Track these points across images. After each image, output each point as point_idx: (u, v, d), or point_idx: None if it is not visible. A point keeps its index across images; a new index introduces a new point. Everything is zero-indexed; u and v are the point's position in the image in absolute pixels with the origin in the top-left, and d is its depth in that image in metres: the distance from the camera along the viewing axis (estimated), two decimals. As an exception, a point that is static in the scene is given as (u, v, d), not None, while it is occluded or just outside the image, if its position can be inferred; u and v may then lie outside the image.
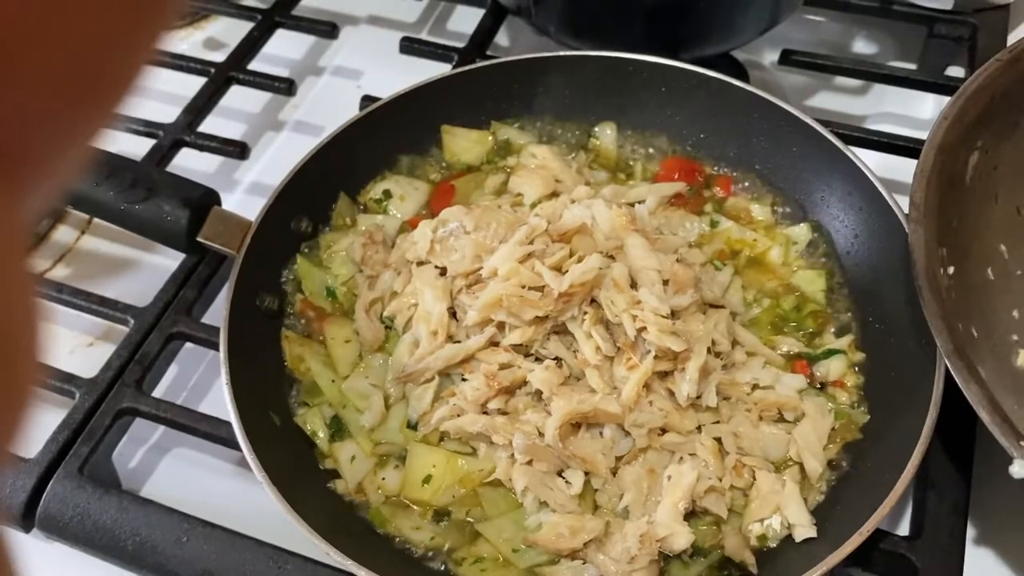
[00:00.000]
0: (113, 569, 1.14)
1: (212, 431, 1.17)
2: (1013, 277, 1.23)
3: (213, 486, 1.27)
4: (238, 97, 1.74)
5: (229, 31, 1.92)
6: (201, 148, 1.57)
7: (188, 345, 1.34)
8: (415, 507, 1.09)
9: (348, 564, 0.95)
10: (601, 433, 1.09)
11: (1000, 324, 1.20)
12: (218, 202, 1.28)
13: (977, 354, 1.08)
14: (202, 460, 1.30)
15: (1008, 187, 1.23)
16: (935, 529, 1.07)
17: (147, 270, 1.51)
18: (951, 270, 1.13)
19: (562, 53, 1.43)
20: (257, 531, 1.11)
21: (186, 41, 1.97)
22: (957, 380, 0.97)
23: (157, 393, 1.34)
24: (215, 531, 1.12)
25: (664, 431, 1.09)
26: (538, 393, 1.11)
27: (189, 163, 1.65)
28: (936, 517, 1.08)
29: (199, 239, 1.22)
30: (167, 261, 1.41)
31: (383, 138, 1.40)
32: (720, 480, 1.06)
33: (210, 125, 1.65)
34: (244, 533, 1.12)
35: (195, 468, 1.30)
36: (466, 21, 1.83)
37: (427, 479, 1.10)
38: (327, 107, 1.77)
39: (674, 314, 1.13)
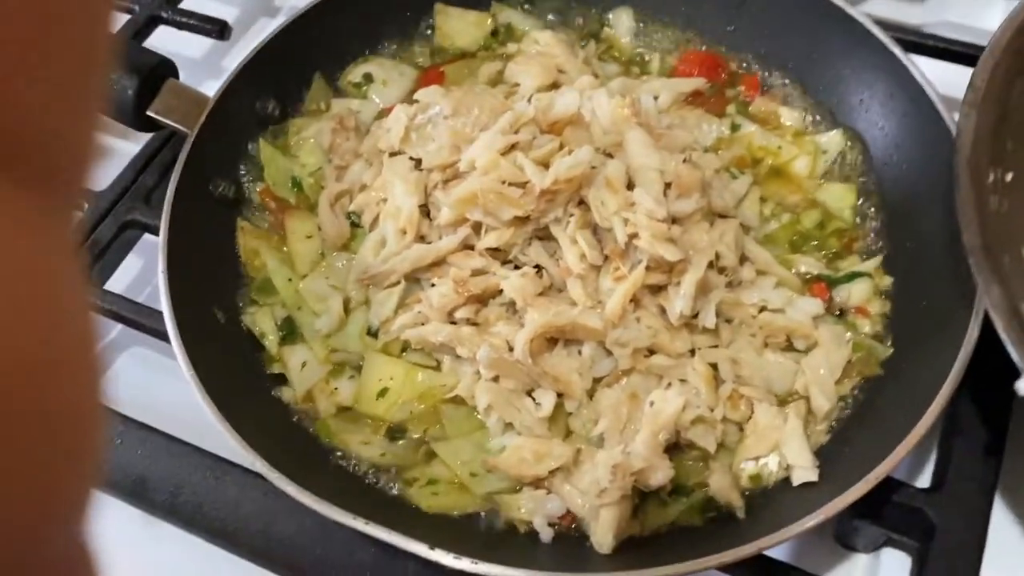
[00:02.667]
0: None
1: (155, 326, 1.06)
2: None
3: (166, 388, 1.17)
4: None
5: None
6: (179, 26, 1.43)
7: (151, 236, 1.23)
8: (367, 421, 0.98)
9: (274, 476, 0.84)
10: (580, 351, 0.96)
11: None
12: (175, 74, 1.15)
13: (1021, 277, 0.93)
14: (159, 361, 1.20)
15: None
16: (959, 482, 0.93)
17: (113, 155, 1.40)
18: (1009, 176, 0.96)
19: (575, -73, 1.25)
20: (201, 438, 1.01)
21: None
22: (977, 279, 0.82)
23: (118, 286, 1.24)
24: (151, 435, 1.02)
25: (652, 352, 0.95)
26: (512, 304, 0.98)
27: (171, 46, 1.52)
28: (961, 469, 0.94)
29: (149, 113, 1.09)
30: (131, 144, 1.30)
31: (368, 15, 1.25)
32: (712, 411, 0.93)
33: (195, 5, 1.51)
34: (184, 440, 1.03)
35: (151, 369, 1.20)
36: None
37: (383, 392, 0.98)
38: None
39: (675, 221, 0.98)
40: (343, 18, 1.23)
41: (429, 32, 1.29)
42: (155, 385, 1.17)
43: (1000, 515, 0.95)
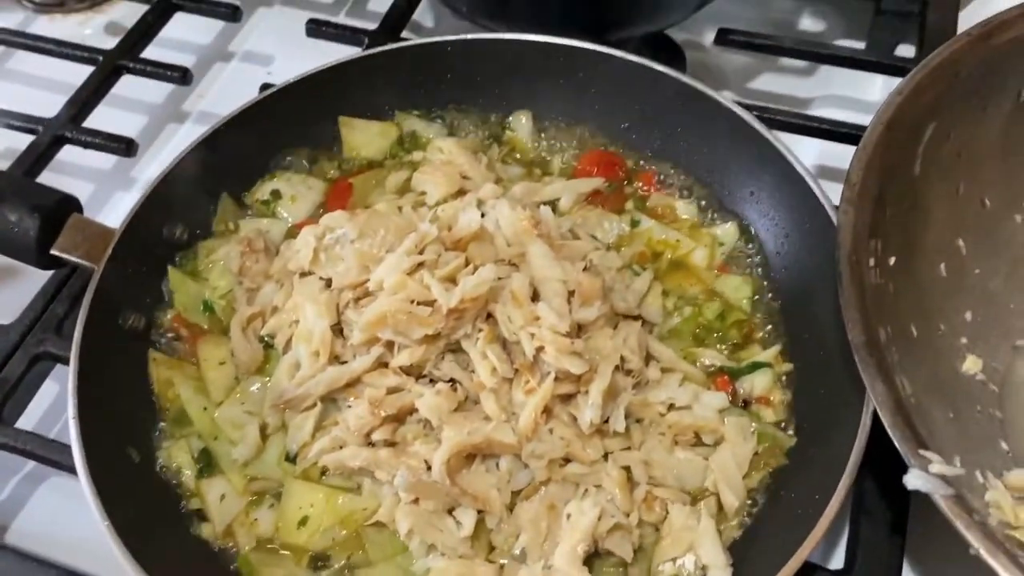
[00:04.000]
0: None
1: (69, 463, 1.03)
2: (969, 275, 1.11)
3: (85, 521, 1.14)
4: (136, 87, 1.60)
5: (135, 14, 1.76)
6: (84, 145, 1.43)
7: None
8: (290, 553, 0.98)
9: (197, 630, 0.83)
10: (497, 465, 0.98)
11: (948, 325, 1.09)
12: (78, 208, 1.14)
13: (912, 354, 0.98)
14: (79, 491, 1.17)
15: (972, 177, 1.11)
16: (867, 564, 0.97)
17: (23, 283, 1.37)
18: (892, 261, 1.01)
19: (470, 36, 1.30)
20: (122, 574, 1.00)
21: (86, 26, 1.83)
22: (863, 376, 0.86)
23: (32, 417, 1.22)
24: (65, 577, 1.01)
25: (567, 461, 0.98)
26: (429, 421, 0.99)
27: (80, 160, 1.52)
28: (869, 550, 0.98)
29: (53, 251, 1.09)
30: (39, 272, 1.28)
31: (274, 131, 1.27)
32: (627, 516, 0.95)
33: (103, 118, 1.51)
34: (102, 577, 1.01)
35: (71, 500, 1.17)
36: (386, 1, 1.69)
37: (304, 520, 0.98)
38: (234, 96, 1.60)
39: (581, 329, 1.01)
40: (247, 137, 1.24)
41: (336, 144, 1.31)
42: (75, 518, 1.14)
43: (909, 591, 1.00)
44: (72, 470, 1.05)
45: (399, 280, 1.00)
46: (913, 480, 0.82)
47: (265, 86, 1.40)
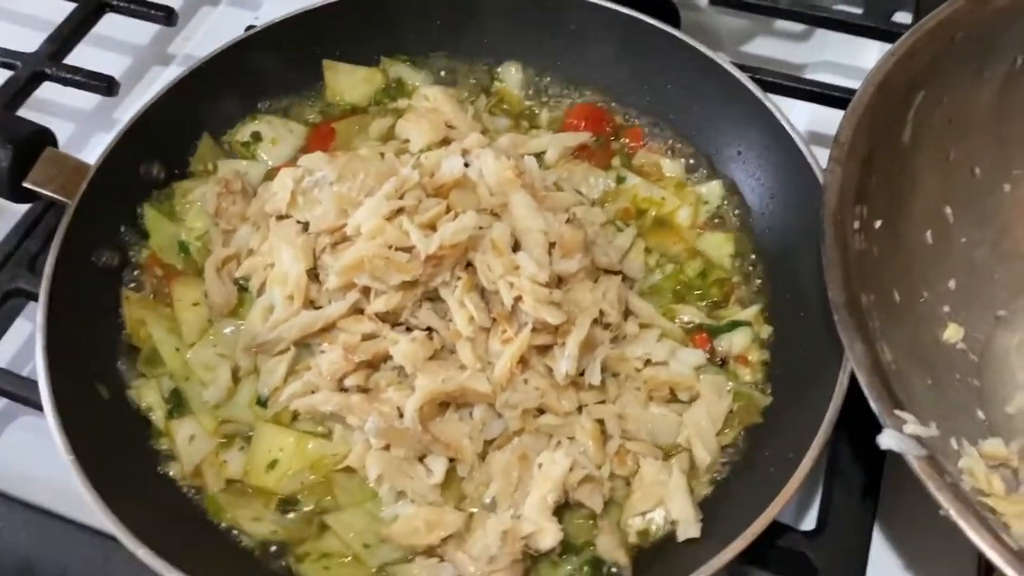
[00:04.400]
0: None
1: (39, 400, 1.02)
2: (955, 244, 1.10)
3: (56, 460, 1.13)
4: (119, 27, 1.56)
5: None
6: (64, 82, 1.40)
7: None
8: (258, 495, 0.97)
9: (158, 565, 0.82)
10: (471, 414, 0.97)
11: (931, 292, 1.08)
12: (53, 142, 1.12)
13: (894, 320, 0.97)
14: (47, 431, 1.16)
15: (963, 145, 1.09)
16: (838, 525, 0.97)
17: (-1, 218, 1.36)
18: (877, 224, 1.00)
19: (461, -19, 1.27)
20: (91, 512, 0.98)
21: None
22: (841, 336, 0.86)
23: (4, 355, 1.20)
24: (35, 516, 1.00)
25: (541, 412, 0.97)
26: (403, 368, 0.98)
27: (61, 99, 1.49)
28: (841, 512, 0.98)
29: (26, 184, 1.06)
30: (14, 207, 1.26)
31: (256, 72, 1.24)
32: (599, 468, 0.94)
33: (86, 57, 1.48)
34: (73, 518, 1.00)
35: (42, 439, 1.15)
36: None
37: (273, 463, 0.97)
38: (220, 39, 1.56)
39: (561, 281, 1.00)
40: (230, 76, 1.22)
41: (319, 88, 1.29)
42: (45, 457, 1.13)
43: (877, 553, 1.00)
44: (39, 407, 1.04)
45: (377, 225, 0.98)
46: (887, 440, 0.81)
47: (251, 28, 1.37)
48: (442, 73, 1.31)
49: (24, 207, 1.24)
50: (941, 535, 0.79)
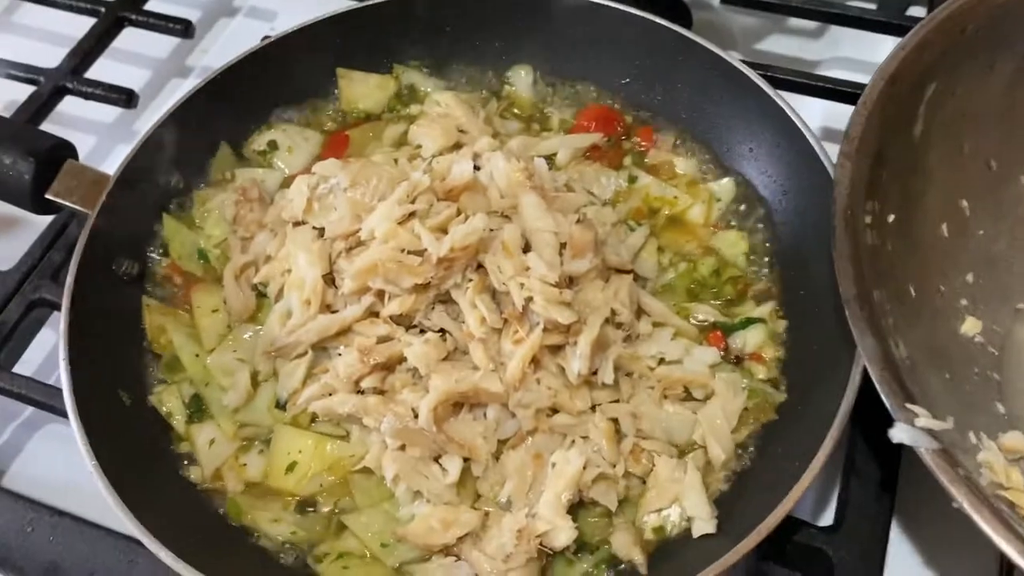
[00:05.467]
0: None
1: (65, 408, 1.05)
2: (972, 237, 1.09)
3: (81, 467, 1.16)
4: (139, 40, 1.60)
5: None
6: (85, 96, 1.43)
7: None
8: (277, 497, 0.98)
9: (180, 567, 0.84)
10: (485, 414, 0.98)
11: (948, 286, 1.07)
12: (74, 155, 1.14)
13: (909, 315, 0.96)
14: (73, 438, 1.19)
15: (978, 137, 1.09)
16: (856, 521, 0.97)
17: (24, 230, 1.38)
18: (891, 219, 1.00)
19: (470, -12, 1.28)
20: (117, 517, 1.00)
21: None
22: (852, 329, 0.85)
23: (30, 364, 1.23)
24: (63, 520, 1.02)
25: (554, 411, 0.97)
26: (418, 370, 0.99)
27: (82, 112, 1.52)
28: (858, 507, 0.98)
29: (48, 196, 1.09)
30: (38, 219, 1.28)
31: (272, 82, 1.26)
32: (614, 467, 0.95)
33: (106, 71, 1.51)
34: (99, 523, 1.02)
35: (67, 447, 1.18)
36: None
37: (292, 466, 0.98)
38: (237, 51, 1.61)
39: (571, 281, 1.00)
40: (246, 86, 1.24)
41: (333, 96, 1.30)
42: (71, 464, 1.15)
43: (895, 549, 0.99)
44: (65, 415, 1.06)
45: (390, 229, 0.99)
46: (898, 434, 0.81)
47: (266, 39, 1.39)
48: (453, 78, 1.32)
49: (47, 219, 1.27)
50: (960, 531, 0.78)
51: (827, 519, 1.02)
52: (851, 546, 0.95)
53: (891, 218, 1.01)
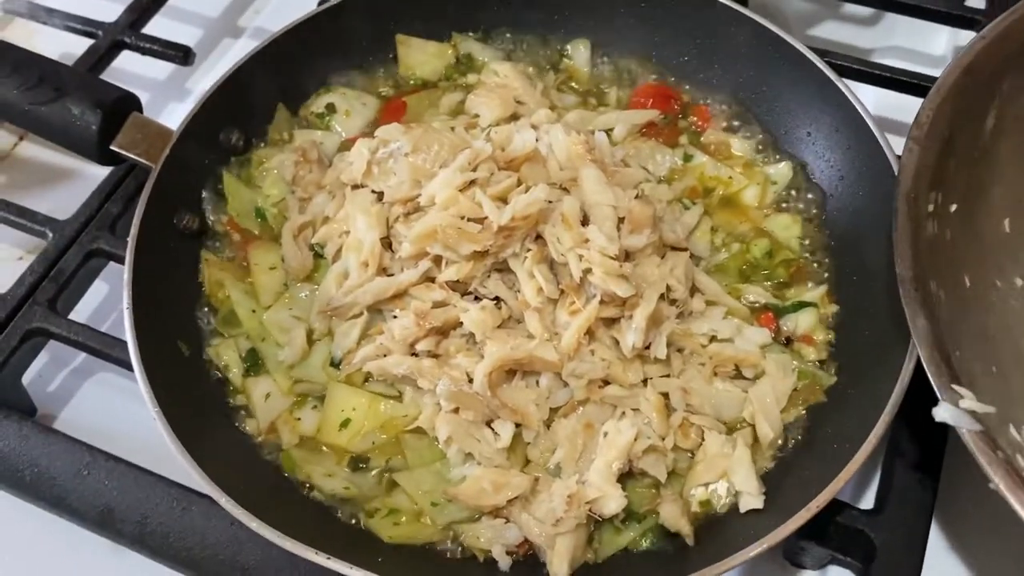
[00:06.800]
0: (14, 500, 1.06)
1: (121, 356, 1.07)
2: None
3: (132, 415, 1.18)
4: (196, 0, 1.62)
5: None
6: (142, 51, 1.44)
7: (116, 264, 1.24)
8: (331, 452, 1.00)
9: (238, 512, 0.86)
10: (538, 382, 0.99)
11: (1005, 282, 1.06)
12: (138, 108, 1.16)
13: (961, 304, 0.97)
14: (126, 386, 1.21)
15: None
16: (898, 505, 0.98)
17: (83, 181, 1.40)
18: (953, 208, 0.99)
19: (533, -41, 1.28)
20: (168, 466, 1.03)
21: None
22: (905, 309, 0.86)
23: (83, 314, 1.25)
24: (118, 465, 1.04)
25: (606, 383, 0.99)
26: (473, 335, 1.01)
27: (136, 68, 1.53)
28: (901, 492, 0.99)
29: (113, 147, 1.10)
30: (96, 169, 1.30)
31: (330, 46, 1.27)
32: (663, 439, 0.96)
33: (160, 27, 1.53)
34: (150, 469, 1.04)
35: (118, 395, 1.21)
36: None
37: (346, 423, 1.00)
38: (290, 13, 1.61)
39: (628, 256, 1.01)
40: (305, 49, 1.25)
41: (391, 62, 1.31)
42: (122, 412, 1.19)
43: (937, 535, 1.00)
44: (119, 363, 1.09)
45: (451, 195, 1.00)
46: (942, 413, 0.81)
47: (323, 2, 1.39)
48: (511, 49, 1.33)
49: (102, 171, 1.28)
50: (1003, 519, 0.78)
51: (867, 502, 1.04)
52: (894, 529, 0.95)
53: (953, 208, 1.00)
